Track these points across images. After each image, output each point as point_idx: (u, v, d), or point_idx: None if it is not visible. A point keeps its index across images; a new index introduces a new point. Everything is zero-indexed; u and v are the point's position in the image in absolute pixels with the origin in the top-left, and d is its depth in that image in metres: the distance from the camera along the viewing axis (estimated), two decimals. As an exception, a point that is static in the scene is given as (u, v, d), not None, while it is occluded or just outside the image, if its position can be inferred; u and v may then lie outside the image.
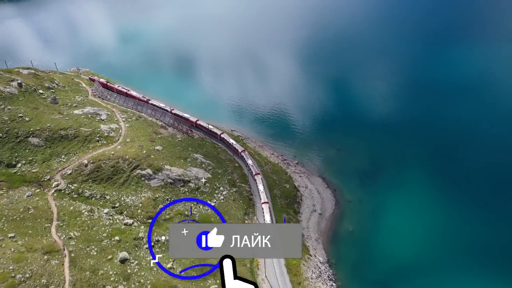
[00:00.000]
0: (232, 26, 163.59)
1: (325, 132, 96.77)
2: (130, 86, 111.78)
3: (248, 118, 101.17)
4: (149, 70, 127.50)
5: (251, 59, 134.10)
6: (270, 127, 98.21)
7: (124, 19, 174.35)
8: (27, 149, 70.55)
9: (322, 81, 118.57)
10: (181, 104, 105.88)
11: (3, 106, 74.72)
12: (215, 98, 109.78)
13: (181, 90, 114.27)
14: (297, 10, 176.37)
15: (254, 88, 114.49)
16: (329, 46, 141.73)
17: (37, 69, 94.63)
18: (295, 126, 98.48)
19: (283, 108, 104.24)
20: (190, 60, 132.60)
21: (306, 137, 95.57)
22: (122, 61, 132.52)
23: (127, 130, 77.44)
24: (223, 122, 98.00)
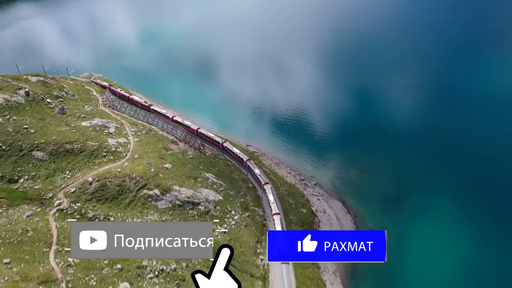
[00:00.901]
0: (251, 29, 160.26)
1: (346, 150, 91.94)
2: (144, 93, 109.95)
3: (265, 132, 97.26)
4: (164, 75, 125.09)
5: (269, 65, 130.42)
6: (287, 142, 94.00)
7: (142, 21, 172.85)
8: (30, 164, 68.14)
9: (344, 92, 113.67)
10: (196, 114, 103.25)
11: (8, 117, 72.64)
12: (232, 109, 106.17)
13: (197, 98, 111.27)
14: (320, 14, 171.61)
15: (272, 99, 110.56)
16: (352, 53, 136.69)
17: (46, 76, 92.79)
18: (314, 142, 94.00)
19: (302, 121, 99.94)
20: (208, 65, 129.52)
21: (326, 154, 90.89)
22: (137, 65, 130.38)
23: (135, 145, 74.40)
24: (238, 136, 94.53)
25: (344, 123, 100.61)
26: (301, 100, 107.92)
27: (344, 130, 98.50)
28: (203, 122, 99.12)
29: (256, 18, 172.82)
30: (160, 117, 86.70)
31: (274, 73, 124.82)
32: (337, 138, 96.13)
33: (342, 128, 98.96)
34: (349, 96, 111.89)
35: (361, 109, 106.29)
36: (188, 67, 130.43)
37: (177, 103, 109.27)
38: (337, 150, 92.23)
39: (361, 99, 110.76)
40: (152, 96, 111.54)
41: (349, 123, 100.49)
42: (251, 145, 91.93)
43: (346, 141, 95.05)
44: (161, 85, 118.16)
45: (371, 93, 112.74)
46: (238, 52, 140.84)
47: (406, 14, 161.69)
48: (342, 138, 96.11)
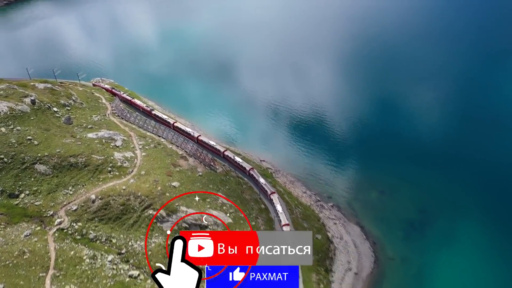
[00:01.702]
0: (270, 32, 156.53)
1: (366, 168, 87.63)
2: (156, 100, 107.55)
3: (280, 146, 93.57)
4: (178, 81, 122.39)
5: (288, 72, 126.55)
6: (303, 158, 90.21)
7: (159, 22, 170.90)
8: (32, 178, 65.93)
9: (364, 104, 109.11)
10: (209, 124, 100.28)
11: (12, 127, 70.68)
12: (247, 120, 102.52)
13: (211, 107, 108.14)
14: (342, 18, 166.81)
15: (289, 109, 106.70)
16: (374, 61, 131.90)
17: (55, 82, 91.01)
18: (333, 158, 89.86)
19: (320, 136, 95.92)
20: (225, 71, 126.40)
21: (345, 172, 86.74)
22: (151, 70, 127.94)
23: (143, 160, 71.64)
24: (252, 150, 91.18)
25: (365, 138, 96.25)
26: (319, 112, 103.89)
27: (364, 146, 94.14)
28: (217, 134, 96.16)
29: (275, 21, 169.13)
30: (162, 123, 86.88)
31: (293, 81, 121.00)
32: (356, 154, 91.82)
33: (362, 144, 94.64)
34: (370, 109, 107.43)
35: (382, 123, 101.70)
36: (204, 72, 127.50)
37: (190, 111, 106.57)
38: (356, 168, 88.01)
39: (382, 112, 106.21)
40: (164, 103, 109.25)
41: (370, 139, 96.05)
42: (265, 160, 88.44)
43: (366, 158, 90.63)
44: (174, 91, 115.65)
45: (393, 106, 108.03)
46: (256, 56, 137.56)
47: (434, 21, 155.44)
48: (362, 155, 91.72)
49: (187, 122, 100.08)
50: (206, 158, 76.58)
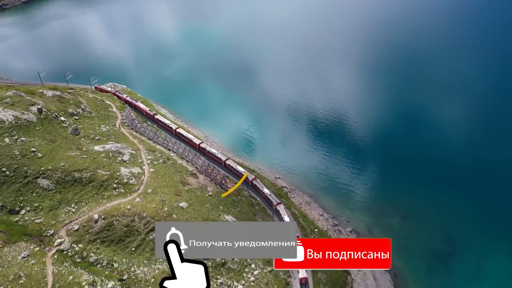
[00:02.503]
0: (292, 36, 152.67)
1: (388, 190, 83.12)
2: (169, 107, 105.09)
3: (296, 163, 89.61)
4: (193, 87, 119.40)
5: (309, 79, 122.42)
6: (321, 176, 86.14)
7: (178, 24, 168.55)
8: (34, 193, 63.77)
9: (388, 118, 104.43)
10: (223, 136, 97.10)
11: (17, 137, 68.73)
12: (264, 133, 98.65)
13: (226, 119, 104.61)
14: (367, 24, 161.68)
15: (307, 123, 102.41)
16: (402, 71, 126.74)
17: (65, 89, 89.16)
18: (352, 178, 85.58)
19: (339, 153, 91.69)
20: (242, 78, 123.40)
21: (365, 194, 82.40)
22: (167, 75, 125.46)
23: (150, 177, 68.81)
24: (267, 166, 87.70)
25: (388, 156, 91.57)
26: (339, 126, 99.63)
27: (387, 165, 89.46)
28: (231, 147, 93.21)
29: (298, 25, 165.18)
30: (164, 128, 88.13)
31: (313, 91, 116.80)
32: (379, 173, 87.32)
33: (385, 162, 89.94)
34: (395, 124, 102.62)
35: (408, 140, 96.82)
36: (221, 78, 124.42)
37: (204, 121, 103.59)
38: (378, 189, 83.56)
39: (408, 127, 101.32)
40: (178, 111, 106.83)
41: (394, 156, 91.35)
42: (280, 178, 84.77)
43: (389, 178, 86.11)
44: (189, 99, 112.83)
45: (420, 121, 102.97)
46: (276, 63, 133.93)
47: (469, 31, 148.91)
48: (385, 174, 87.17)
49: (200, 133, 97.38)
50: (217, 175, 73.30)
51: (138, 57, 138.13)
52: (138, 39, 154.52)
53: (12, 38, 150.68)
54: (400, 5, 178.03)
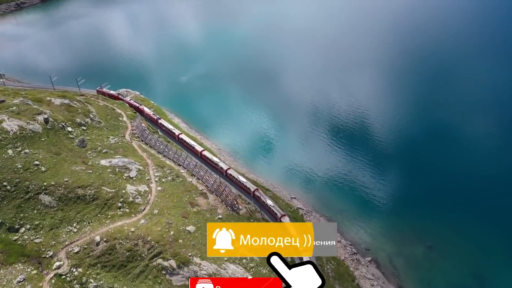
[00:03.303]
0: (318, 45, 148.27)
1: (412, 216, 78.29)
2: (183, 117, 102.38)
3: (315, 181, 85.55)
4: (210, 96, 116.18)
5: (332, 90, 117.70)
6: (340, 197, 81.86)
7: (195, 28, 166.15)
8: (35, 210, 61.61)
9: (415, 136, 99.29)
10: (238, 150, 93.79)
11: (20, 149, 66.74)
12: (281, 149, 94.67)
13: (242, 131, 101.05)
14: (396, 34, 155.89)
15: (326, 141, 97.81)
16: (430, 82, 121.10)
17: (74, 96, 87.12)
18: (374, 201, 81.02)
19: (360, 173, 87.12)
20: (260, 86, 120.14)
21: (386, 220, 77.77)
22: (182, 83, 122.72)
23: (157, 196, 65.89)
24: (284, 184, 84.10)
25: (414, 178, 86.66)
26: (361, 143, 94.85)
27: (411, 188, 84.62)
28: (246, 162, 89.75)
29: (321, 28, 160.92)
30: (167, 133, 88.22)
31: (336, 101, 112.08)
32: (403, 197, 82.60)
33: (409, 185, 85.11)
34: (420, 140, 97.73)
35: (434, 159, 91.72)
36: (239, 85, 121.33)
37: (219, 133, 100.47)
38: (402, 214, 78.84)
39: (435, 144, 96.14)
40: (192, 121, 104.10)
41: (419, 179, 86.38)
42: (296, 198, 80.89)
43: (414, 203, 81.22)
44: (205, 108, 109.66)
45: (449, 136, 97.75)
46: (298, 68, 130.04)
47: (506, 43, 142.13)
48: (410, 198, 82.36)
49: (214, 145, 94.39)
50: (229, 195, 69.91)
51: (153, 62, 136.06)
52: (154, 42, 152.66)
53: (27, 38, 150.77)
54: (431, 11, 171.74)
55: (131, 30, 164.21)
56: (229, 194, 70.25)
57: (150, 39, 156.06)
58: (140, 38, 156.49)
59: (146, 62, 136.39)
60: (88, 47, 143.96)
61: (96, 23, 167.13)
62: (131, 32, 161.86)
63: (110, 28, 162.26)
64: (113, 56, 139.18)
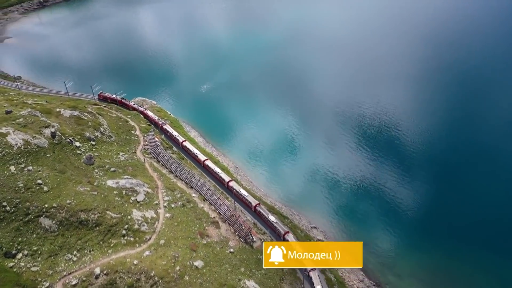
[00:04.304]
0: (349, 51, 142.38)
1: (446, 256, 71.68)
2: (200, 130, 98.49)
3: (340, 209, 79.99)
4: (231, 107, 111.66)
5: (362, 106, 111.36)
6: (365, 230, 76.00)
7: (219, 33, 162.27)
8: (34, 234, 58.53)
9: (451, 156, 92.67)
10: (257, 168, 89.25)
11: (23, 165, 63.91)
12: (305, 172, 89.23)
13: (263, 147, 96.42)
14: (429, 43, 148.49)
15: (353, 165, 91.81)
16: (468, 95, 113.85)
17: (85, 107, 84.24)
18: (402, 237, 74.92)
19: (388, 203, 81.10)
20: (287, 96, 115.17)
21: (417, 258, 71.50)
22: (202, 94, 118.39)
23: (164, 224, 61.97)
24: (306, 211, 79.06)
25: (448, 206, 79.86)
26: (391, 172, 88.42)
27: (444, 222, 77.91)
28: (264, 184, 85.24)
29: (356, 37, 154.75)
30: (172, 139, 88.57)
31: (369, 120, 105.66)
32: (435, 232, 76.17)
33: (441, 219, 78.44)
34: (459, 163, 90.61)
35: (475, 185, 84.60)
36: (263, 97, 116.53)
37: (238, 149, 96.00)
38: (434, 253, 72.20)
39: (477, 168, 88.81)
40: (209, 135, 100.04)
41: (459, 211, 79.38)
42: (317, 227, 75.73)
43: (447, 238, 74.70)
44: (225, 122, 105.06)
45: (494, 159, 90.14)
46: (326, 79, 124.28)
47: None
48: (443, 234, 75.78)
49: (231, 164, 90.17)
50: (244, 224, 65.38)
51: (173, 69, 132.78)
52: (175, 48, 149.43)
53: (47, 38, 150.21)
54: (474, 22, 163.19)
55: (151, 33, 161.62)
56: (243, 223, 65.71)
57: (171, 44, 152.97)
58: (161, 43, 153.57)
59: (165, 68, 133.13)
60: (107, 51, 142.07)
61: (117, 25, 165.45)
62: (152, 36, 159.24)
63: (130, 31, 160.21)
64: (132, 61, 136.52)
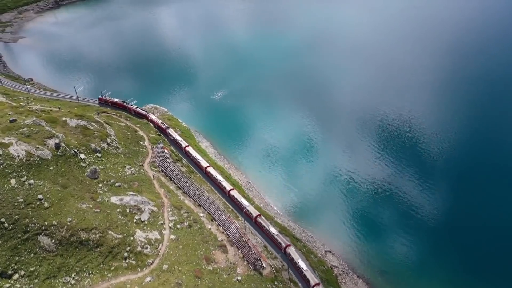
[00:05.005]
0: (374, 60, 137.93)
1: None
2: (212, 139, 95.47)
3: (357, 232, 76.09)
4: (246, 117, 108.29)
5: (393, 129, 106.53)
6: (384, 256, 71.82)
7: (237, 35, 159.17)
8: (32, 253, 56.22)
9: (482, 183, 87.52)
10: (272, 184, 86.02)
11: (25, 179, 61.74)
12: (321, 189, 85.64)
13: (279, 161, 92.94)
14: (465, 54, 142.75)
15: (374, 185, 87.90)
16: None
17: (92, 116, 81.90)
18: (426, 268, 70.51)
19: (411, 223, 76.84)
20: (307, 106, 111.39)
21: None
22: (218, 103, 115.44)
23: (169, 247, 59.09)
24: (322, 232, 75.66)
25: (479, 233, 75.20)
26: (415, 194, 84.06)
27: (475, 245, 73.28)
28: (277, 201, 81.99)
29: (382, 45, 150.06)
30: (175, 144, 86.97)
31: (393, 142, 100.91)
32: (462, 256, 71.53)
33: (470, 240, 73.87)
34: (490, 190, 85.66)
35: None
36: (281, 106, 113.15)
37: (251, 162, 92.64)
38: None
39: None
40: (222, 146, 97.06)
41: (485, 235, 74.81)
42: (331, 251, 72.00)
43: (480, 271, 69.98)
44: (238, 130, 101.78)
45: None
46: (350, 91, 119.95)
47: None
48: (471, 260, 71.17)
49: (243, 177, 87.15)
50: (254, 248, 62.01)
51: (186, 74, 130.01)
52: (190, 51, 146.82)
53: (61, 39, 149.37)
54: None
55: (166, 36, 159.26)
56: (253, 247, 62.34)
57: (186, 47, 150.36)
58: (175, 46, 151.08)
59: (178, 73, 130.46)
60: (120, 53, 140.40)
61: (132, 26, 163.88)
62: (166, 39, 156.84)
63: (144, 34, 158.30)
64: (145, 65, 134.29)
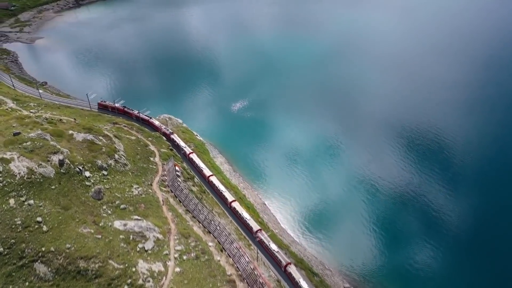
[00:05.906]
0: (403, 70, 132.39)
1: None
2: (228, 155, 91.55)
3: (380, 266, 70.86)
4: (263, 129, 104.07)
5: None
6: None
7: (259, 39, 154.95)
8: (27, 281, 53.21)
9: None
10: (290, 207, 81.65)
11: (24, 199, 58.94)
12: (344, 217, 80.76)
13: (298, 182, 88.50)
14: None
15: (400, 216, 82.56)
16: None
17: (100, 130, 78.81)
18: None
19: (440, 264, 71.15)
20: (333, 124, 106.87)
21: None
22: (233, 111, 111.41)
23: (173, 281, 55.29)
24: (341, 265, 70.65)
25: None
26: (440, 230, 78.46)
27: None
28: (294, 226, 77.54)
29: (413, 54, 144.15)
30: None
31: None
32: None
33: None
34: None
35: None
36: (303, 119, 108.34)
37: (268, 182, 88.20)
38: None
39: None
40: (237, 162, 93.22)
41: None
42: (350, 274, 66.91)
43: None
44: (256, 147, 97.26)
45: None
46: (378, 107, 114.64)
47: None
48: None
49: (259, 199, 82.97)
50: (266, 284, 57.71)
51: (204, 82, 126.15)
52: (209, 59, 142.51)
53: (79, 40, 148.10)
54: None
55: (184, 41, 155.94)
56: (266, 283, 57.99)
57: (205, 54, 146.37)
58: (194, 52, 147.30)
59: (196, 82, 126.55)
60: (136, 57, 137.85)
61: (151, 28, 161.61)
62: (185, 44, 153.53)
63: (162, 37, 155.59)
64: (161, 72, 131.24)
